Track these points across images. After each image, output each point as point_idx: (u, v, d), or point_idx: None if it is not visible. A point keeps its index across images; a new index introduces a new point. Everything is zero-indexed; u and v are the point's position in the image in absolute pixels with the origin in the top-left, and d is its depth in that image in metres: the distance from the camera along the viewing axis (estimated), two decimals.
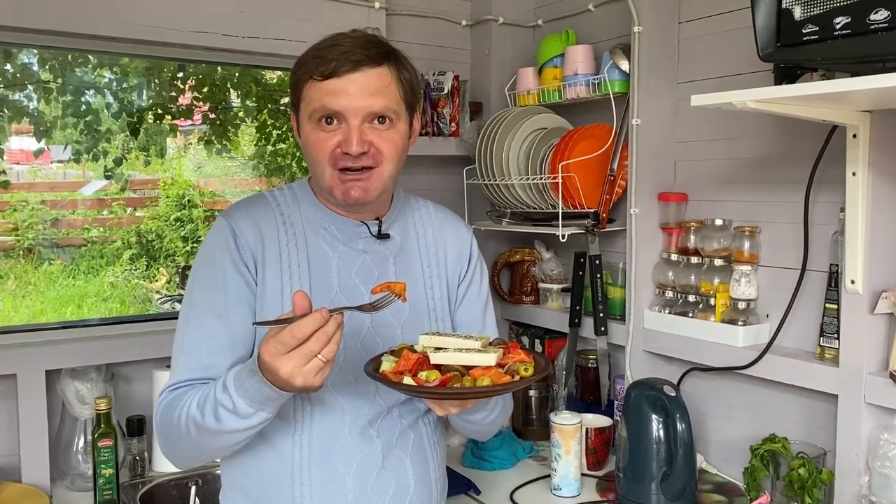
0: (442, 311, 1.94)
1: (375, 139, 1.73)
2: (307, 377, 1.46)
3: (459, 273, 2.00)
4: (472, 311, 2.01)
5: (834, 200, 2.23)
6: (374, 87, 1.71)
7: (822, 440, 2.27)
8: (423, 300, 1.91)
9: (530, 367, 1.58)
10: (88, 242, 4.77)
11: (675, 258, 2.64)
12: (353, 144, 1.70)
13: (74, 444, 2.60)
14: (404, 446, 1.85)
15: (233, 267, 1.76)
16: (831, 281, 2.22)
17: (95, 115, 4.24)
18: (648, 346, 2.70)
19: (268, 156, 4.76)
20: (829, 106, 1.91)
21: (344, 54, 1.70)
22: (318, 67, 1.71)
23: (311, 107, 1.73)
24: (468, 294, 2.01)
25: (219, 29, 2.77)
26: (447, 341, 1.62)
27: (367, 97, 1.70)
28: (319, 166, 1.76)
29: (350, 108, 1.70)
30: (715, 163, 2.62)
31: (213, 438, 1.64)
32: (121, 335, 2.76)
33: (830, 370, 2.17)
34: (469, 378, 1.53)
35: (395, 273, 1.87)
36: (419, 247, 1.95)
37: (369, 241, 1.86)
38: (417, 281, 1.91)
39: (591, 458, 2.69)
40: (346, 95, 1.70)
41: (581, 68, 2.88)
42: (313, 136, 1.75)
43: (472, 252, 2.03)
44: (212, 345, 1.73)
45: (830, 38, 1.67)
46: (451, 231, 2.02)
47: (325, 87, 1.70)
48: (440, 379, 1.53)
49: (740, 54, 2.43)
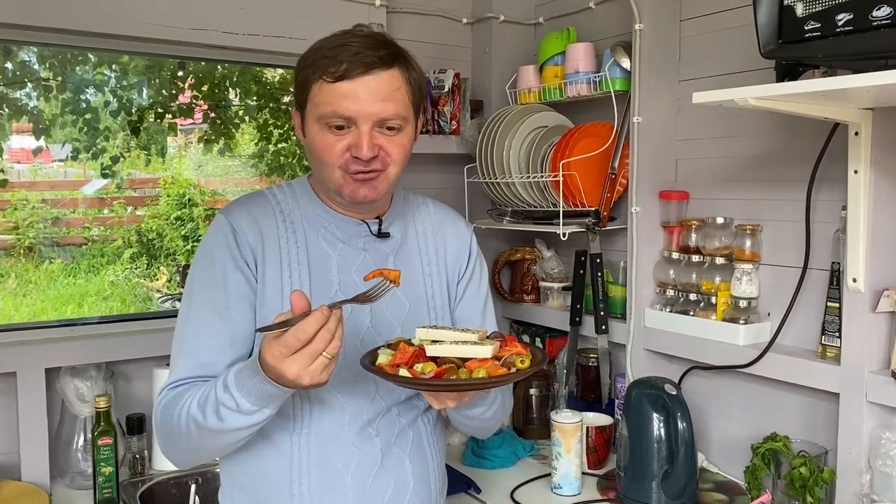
0: (442, 308, 1.93)
1: (385, 143, 1.71)
2: (314, 375, 1.46)
3: (459, 270, 1.99)
4: (472, 308, 2.01)
5: (835, 199, 2.23)
6: (384, 91, 1.69)
7: (823, 439, 2.27)
8: (423, 298, 1.90)
9: (527, 359, 1.58)
10: (89, 241, 4.78)
11: (676, 256, 2.64)
12: (364, 150, 1.68)
13: (74, 442, 2.60)
14: (403, 445, 1.85)
15: (233, 264, 1.75)
16: (833, 279, 2.21)
17: (95, 113, 4.25)
18: (649, 344, 2.69)
19: (269, 155, 4.77)
20: (830, 103, 1.91)
21: (355, 56, 1.67)
22: (328, 68, 1.67)
23: (319, 109, 1.70)
24: (468, 291, 2.00)
25: (219, 26, 2.77)
26: (444, 334, 1.61)
27: (378, 102, 1.68)
28: (327, 168, 1.74)
29: (361, 114, 1.67)
30: (716, 161, 2.61)
31: (215, 437, 1.63)
32: (121, 333, 2.76)
33: (832, 369, 2.16)
34: (465, 370, 1.53)
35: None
36: (419, 245, 1.94)
37: (369, 240, 1.86)
38: (417, 279, 1.90)
39: (592, 456, 2.68)
40: (358, 100, 1.67)
41: (582, 66, 2.87)
42: (321, 138, 1.72)
43: (472, 249, 2.02)
44: (211, 342, 1.72)
45: (832, 34, 1.66)
46: (451, 228, 2.01)
47: (336, 91, 1.68)
48: (436, 371, 1.52)
49: (742, 52, 2.42)
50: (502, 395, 1.92)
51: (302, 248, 1.79)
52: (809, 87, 1.69)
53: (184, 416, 1.63)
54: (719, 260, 2.50)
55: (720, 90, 1.83)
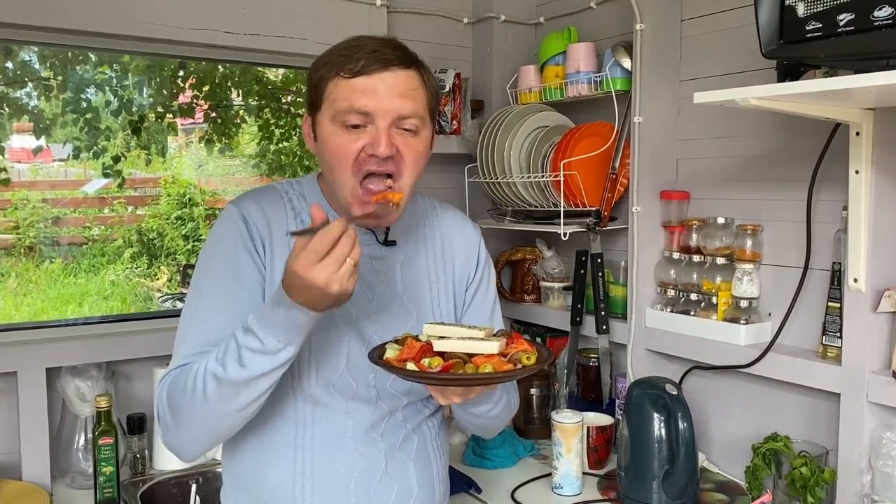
0: (448, 317, 1.92)
1: (402, 145, 1.67)
2: (342, 281, 1.46)
3: (468, 276, 1.98)
4: (480, 313, 1.99)
5: (836, 199, 2.23)
6: (403, 88, 1.66)
7: (824, 439, 2.27)
8: (429, 307, 1.89)
9: (532, 356, 1.58)
10: (89, 241, 4.78)
11: (676, 256, 2.64)
12: (382, 146, 1.64)
13: (75, 441, 2.60)
14: (408, 450, 1.84)
15: (245, 253, 1.72)
16: (834, 279, 2.22)
17: (96, 112, 4.25)
18: (650, 344, 2.69)
19: (270, 154, 4.78)
20: (832, 103, 1.91)
21: (373, 52, 1.65)
22: (346, 65, 1.65)
23: (335, 106, 1.67)
24: (476, 297, 1.99)
25: (220, 26, 2.77)
26: (451, 330, 1.61)
27: (397, 98, 1.65)
28: (341, 174, 1.69)
29: (380, 109, 1.64)
30: (717, 161, 2.61)
31: (235, 395, 1.57)
32: (121, 333, 2.76)
33: (833, 369, 2.16)
34: (472, 366, 1.54)
35: (401, 280, 1.85)
36: (426, 253, 1.93)
37: (375, 248, 1.84)
38: (424, 288, 1.89)
39: (593, 456, 2.68)
40: (376, 95, 1.64)
41: (583, 66, 2.87)
42: (335, 139, 1.68)
43: (481, 255, 2.01)
44: (222, 321, 1.67)
45: (834, 34, 1.67)
46: (459, 232, 1.99)
47: (354, 86, 1.65)
48: (443, 365, 1.53)
49: (743, 52, 2.43)
50: (508, 394, 1.91)
51: None
52: (811, 87, 1.69)
53: (200, 377, 1.58)
54: (720, 260, 2.50)
55: (722, 90, 1.83)
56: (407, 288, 1.86)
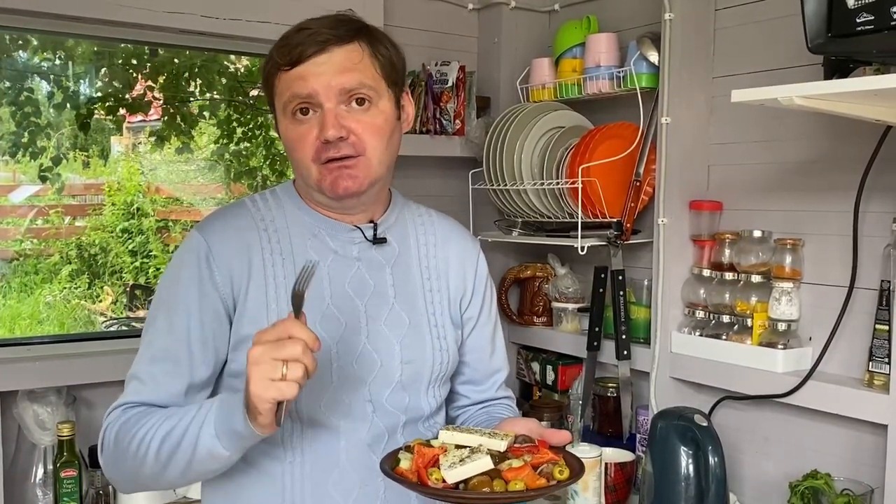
0: (444, 327, 1.98)
1: (354, 124, 1.78)
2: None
3: (465, 293, 2.05)
4: (480, 339, 2.08)
5: (887, 210, 2.28)
6: (343, 64, 1.77)
7: (869, 476, 2.32)
8: (424, 314, 1.96)
9: (565, 469, 1.63)
10: (20, 256, 4.72)
11: (707, 274, 2.68)
12: (329, 128, 1.75)
13: (32, 474, 2.61)
14: None
15: (199, 290, 1.81)
16: (882, 299, 2.27)
17: (36, 106, 4.20)
18: (676, 372, 2.74)
19: (230, 155, 4.75)
20: (883, 104, 1.93)
21: (309, 37, 1.77)
22: (284, 56, 1.78)
23: (282, 100, 1.81)
24: (477, 322, 2.08)
25: (197, 10, 2.80)
26: (469, 438, 1.67)
27: (337, 75, 1.76)
28: (303, 165, 1.82)
29: (320, 89, 1.76)
30: (753, 167, 2.66)
31: (185, 471, 1.71)
32: (82, 354, 2.79)
33: (880, 398, 2.22)
34: (500, 482, 1.57)
35: (392, 284, 1.92)
36: (419, 256, 2.00)
37: (364, 247, 1.92)
38: (417, 294, 1.96)
39: (611, 496, 2.71)
40: (315, 77, 1.76)
41: (604, 60, 2.91)
42: (290, 131, 1.81)
43: (479, 272, 2.09)
44: (168, 368, 1.79)
45: (887, 28, 1.70)
46: (456, 244, 2.07)
47: (293, 75, 1.78)
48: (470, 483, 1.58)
49: (784, 46, 2.46)
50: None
51: (288, 259, 1.85)
52: (862, 85, 1.73)
53: (144, 445, 1.70)
54: (756, 278, 2.54)
55: (762, 87, 1.86)
56: (398, 292, 1.93)
